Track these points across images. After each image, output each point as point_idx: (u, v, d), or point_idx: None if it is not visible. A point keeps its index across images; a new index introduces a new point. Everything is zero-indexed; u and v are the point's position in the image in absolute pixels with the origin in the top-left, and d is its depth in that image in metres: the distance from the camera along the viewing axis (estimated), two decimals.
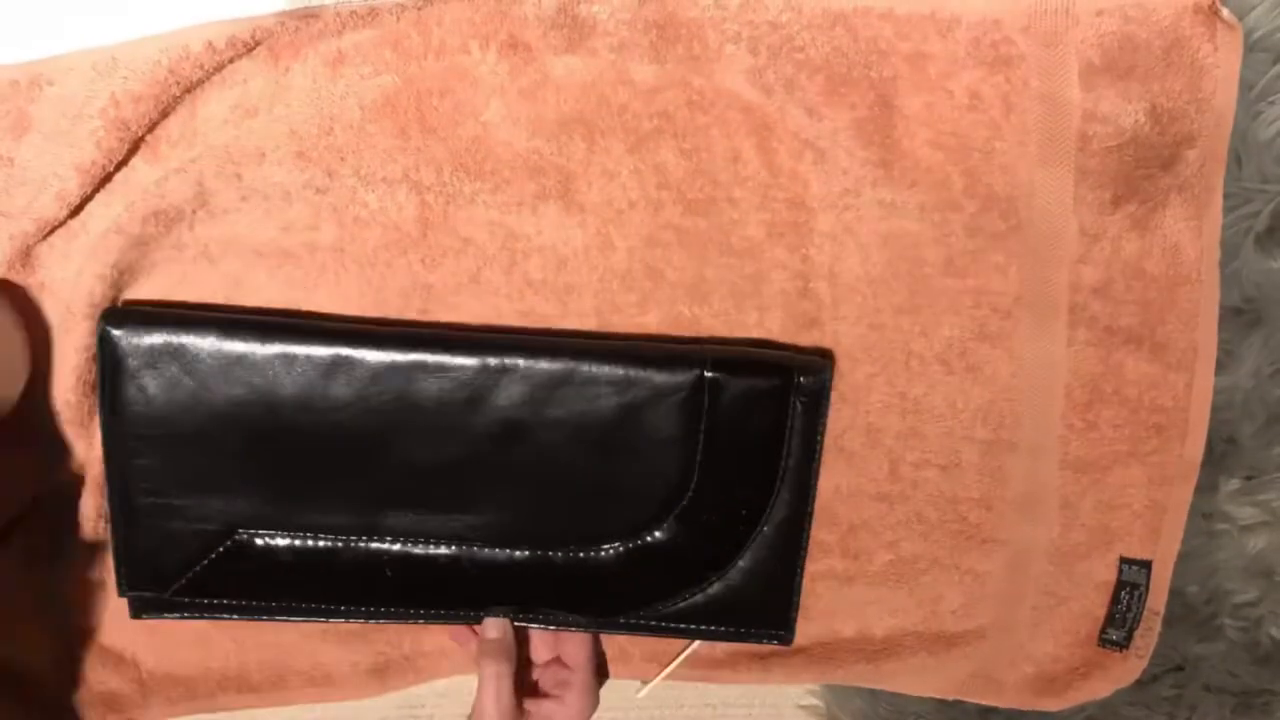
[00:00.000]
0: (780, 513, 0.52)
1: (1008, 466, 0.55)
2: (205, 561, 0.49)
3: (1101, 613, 0.57)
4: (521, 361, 0.48)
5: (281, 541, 0.49)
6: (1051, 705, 0.58)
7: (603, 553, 0.51)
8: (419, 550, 0.50)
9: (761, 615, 0.53)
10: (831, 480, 0.54)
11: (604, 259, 0.50)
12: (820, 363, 0.51)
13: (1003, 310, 0.52)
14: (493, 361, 0.47)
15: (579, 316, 0.51)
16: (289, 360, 0.46)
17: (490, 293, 0.50)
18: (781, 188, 0.49)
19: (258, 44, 0.44)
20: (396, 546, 0.50)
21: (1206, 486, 0.57)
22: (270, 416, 0.47)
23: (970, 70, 0.47)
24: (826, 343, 0.52)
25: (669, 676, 0.57)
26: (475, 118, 0.47)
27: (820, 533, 0.55)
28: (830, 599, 0.56)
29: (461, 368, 0.47)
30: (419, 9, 0.45)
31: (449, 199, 0.48)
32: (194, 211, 0.47)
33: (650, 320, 0.51)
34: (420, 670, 0.57)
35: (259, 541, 0.49)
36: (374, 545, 0.50)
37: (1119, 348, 0.52)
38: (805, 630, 0.56)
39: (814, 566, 0.55)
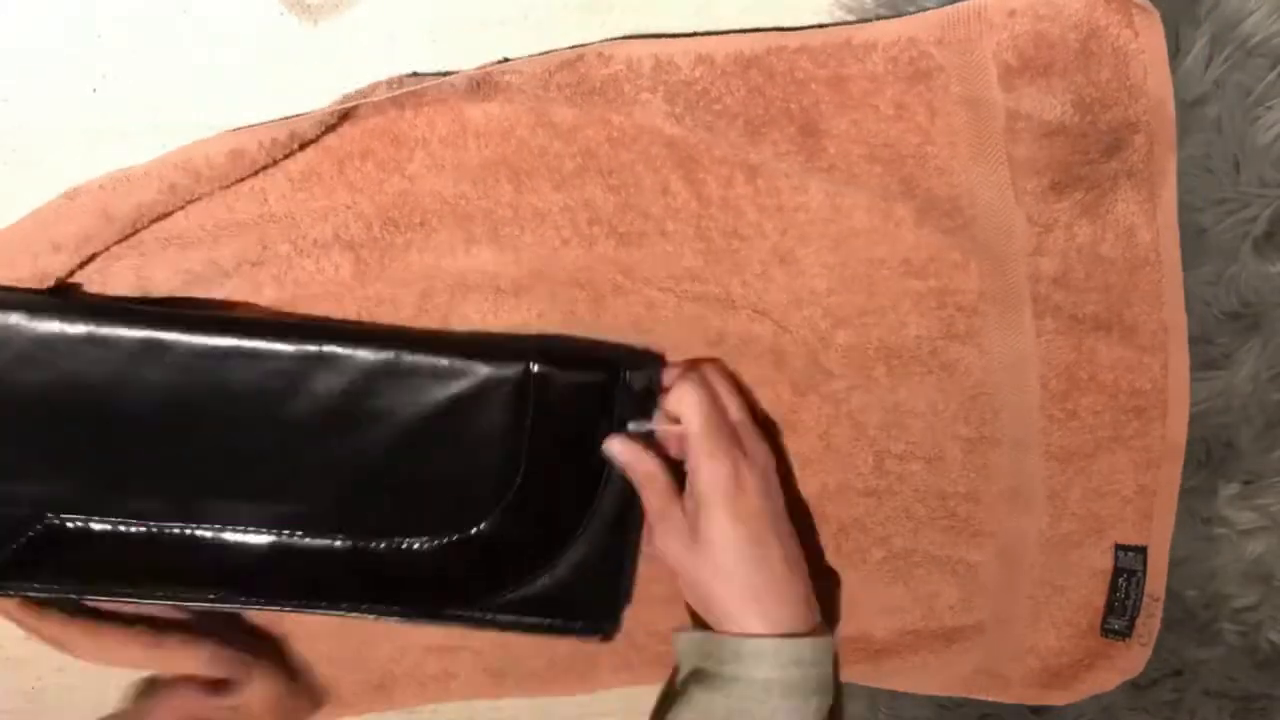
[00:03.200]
0: (607, 507, 0.51)
1: (992, 462, 0.55)
2: (14, 546, 0.47)
3: (1101, 602, 0.56)
4: (341, 350, 0.46)
5: (96, 527, 0.47)
6: (1059, 699, 0.58)
7: (426, 545, 0.50)
8: (236, 537, 0.48)
9: (588, 609, 0.52)
10: (818, 478, 0.55)
11: (547, 295, 0.51)
12: (649, 358, 0.51)
13: (968, 308, 0.52)
14: (311, 349, 0.46)
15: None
16: (96, 342, 0.45)
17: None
18: (713, 218, 0.50)
19: (199, 177, 0.46)
20: (212, 533, 0.48)
21: (1205, 491, 0.56)
22: (78, 400, 0.45)
23: (892, 85, 0.47)
24: (793, 360, 0.53)
25: None
26: (400, 172, 0.48)
27: (812, 534, 0.56)
28: (827, 599, 0.57)
29: (277, 355, 0.46)
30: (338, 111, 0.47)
31: (382, 253, 0.49)
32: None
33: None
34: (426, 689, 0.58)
35: (71, 526, 0.47)
36: (190, 532, 0.48)
37: (1089, 335, 0.53)
38: None
39: (809, 567, 0.56)
